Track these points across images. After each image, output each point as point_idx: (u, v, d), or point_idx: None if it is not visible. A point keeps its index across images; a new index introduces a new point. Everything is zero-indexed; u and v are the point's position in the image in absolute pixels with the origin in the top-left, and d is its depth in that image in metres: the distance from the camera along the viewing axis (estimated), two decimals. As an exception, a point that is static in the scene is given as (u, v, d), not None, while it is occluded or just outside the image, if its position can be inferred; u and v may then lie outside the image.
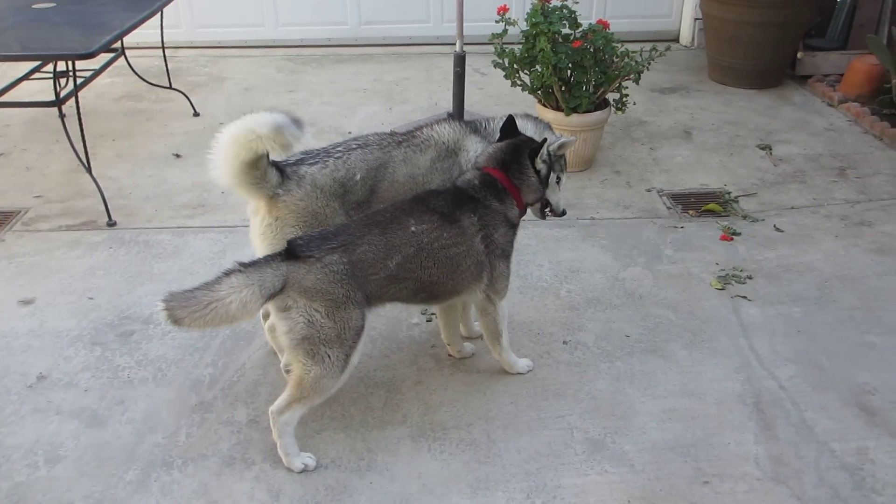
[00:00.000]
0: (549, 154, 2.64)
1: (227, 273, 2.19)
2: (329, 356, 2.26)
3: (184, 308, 2.15)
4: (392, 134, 2.83)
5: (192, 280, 3.22)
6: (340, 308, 2.24)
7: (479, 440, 2.52)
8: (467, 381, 2.77)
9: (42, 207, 3.86)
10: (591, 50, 3.92)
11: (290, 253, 2.25)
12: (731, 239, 3.59)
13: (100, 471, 2.39)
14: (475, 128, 2.85)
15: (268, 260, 2.26)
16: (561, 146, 2.70)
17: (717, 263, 3.40)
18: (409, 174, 2.72)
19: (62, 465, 2.42)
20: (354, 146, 2.70)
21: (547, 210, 2.75)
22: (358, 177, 2.63)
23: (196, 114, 4.84)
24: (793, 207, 3.83)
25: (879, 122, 4.53)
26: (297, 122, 2.40)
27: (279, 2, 5.98)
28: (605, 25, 3.98)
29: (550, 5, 3.97)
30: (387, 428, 2.58)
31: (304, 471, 2.40)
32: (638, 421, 2.59)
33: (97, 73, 4.19)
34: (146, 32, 5.03)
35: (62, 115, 3.80)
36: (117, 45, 4.59)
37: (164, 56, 5.01)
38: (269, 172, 2.50)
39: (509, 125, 2.66)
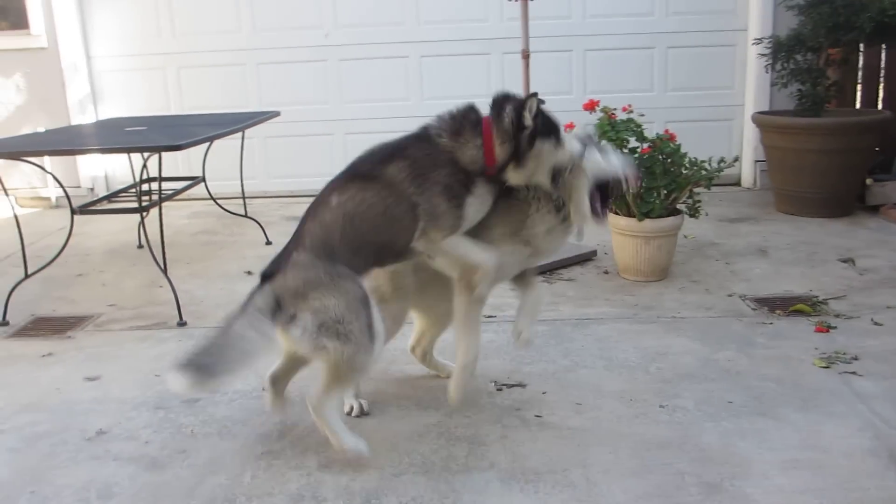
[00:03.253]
0: (540, 115, 2.38)
1: (228, 326, 2.29)
2: (352, 331, 2.23)
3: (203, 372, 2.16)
4: None
5: (260, 363, 3.14)
6: (331, 286, 2.24)
7: (578, 482, 2.24)
8: (558, 435, 2.53)
9: (115, 313, 3.86)
10: (660, 157, 3.99)
11: (266, 276, 2.34)
12: (828, 331, 3.36)
13: (156, 504, 2.17)
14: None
15: (251, 292, 2.35)
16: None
17: (817, 348, 3.16)
18: None
19: (115, 501, 2.20)
20: None
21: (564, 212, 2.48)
22: None
23: (268, 242, 4.95)
24: (888, 307, 3.61)
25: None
26: None
27: (349, 153, 6.14)
28: (672, 137, 4.07)
29: (616, 119, 4.10)
30: (472, 472, 2.32)
31: (357, 452, 2.33)
32: (757, 469, 2.29)
33: (179, 191, 4.37)
34: (224, 184, 5.36)
35: (143, 220, 3.90)
36: (199, 173, 4.85)
37: (242, 185, 5.23)
38: None
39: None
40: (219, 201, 5.11)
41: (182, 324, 3.66)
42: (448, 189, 2.34)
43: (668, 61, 6.33)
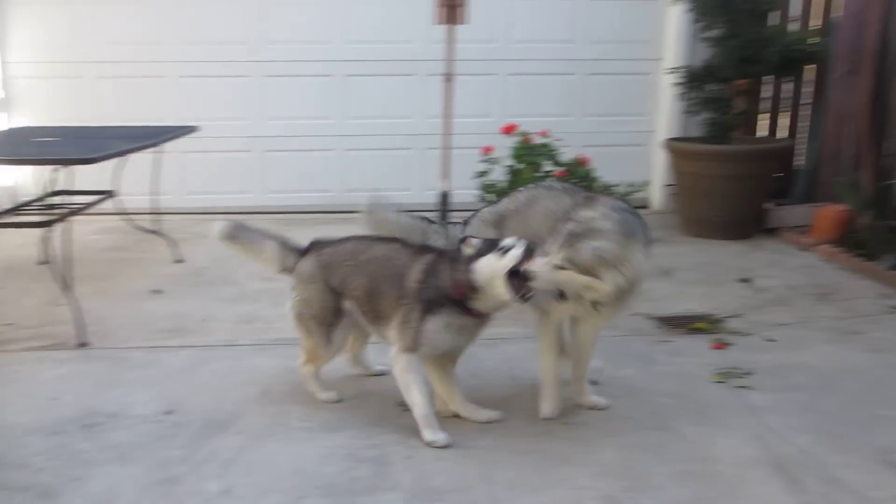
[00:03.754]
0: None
1: (269, 238, 3.07)
2: (316, 330, 2.87)
3: (239, 233, 3.09)
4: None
5: (166, 383, 3.11)
6: (319, 292, 2.86)
7: (481, 500, 2.29)
8: (464, 454, 2.56)
9: (11, 332, 3.70)
10: (574, 181, 4.10)
11: (307, 249, 2.99)
12: (724, 347, 3.51)
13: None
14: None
15: (294, 247, 3.03)
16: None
17: (713, 365, 3.29)
18: None
19: (2, 529, 2.13)
20: None
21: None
22: None
23: (179, 260, 4.85)
24: (780, 324, 3.79)
25: (853, 259, 4.64)
26: None
27: (268, 171, 6.27)
28: (585, 161, 4.19)
29: (533, 143, 4.21)
30: (376, 493, 2.33)
31: (333, 401, 2.91)
32: (653, 481, 2.38)
33: (88, 206, 4.26)
34: (137, 198, 5.23)
35: (47, 235, 3.78)
36: (110, 188, 4.73)
37: (155, 199, 5.10)
38: None
39: None
40: (131, 217, 4.98)
41: (83, 344, 3.55)
42: (427, 311, 2.68)
43: (586, 88, 6.50)
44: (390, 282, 2.73)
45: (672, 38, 6.32)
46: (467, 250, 2.60)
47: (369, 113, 6.35)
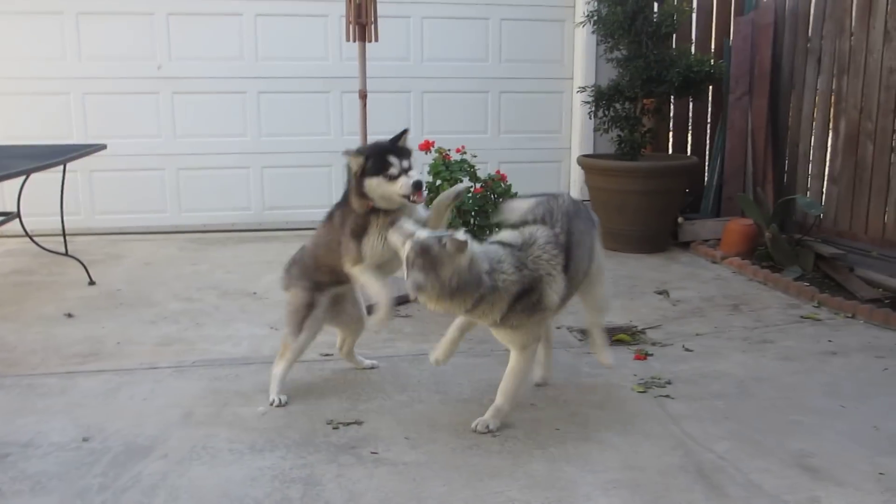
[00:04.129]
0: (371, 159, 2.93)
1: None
2: (290, 322, 3.15)
3: None
4: None
5: (83, 409, 2.98)
6: (298, 290, 3.17)
7: (413, 517, 2.26)
8: (394, 470, 2.54)
9: None
10: (492, 197, 4.16)
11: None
12: (645, 358, 3.61)
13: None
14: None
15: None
16: None
17: (636, 375, 3.39)
18: None
19: None
20: None
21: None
22: None
23: (92, 282, 4.66)
24: (697, 334, 3.94)
25: (761, 270, 4.87)
26: None
27: (182, 189, 6.13)
28: (503, 178, 4.26)
29: (451, 160, 4.25)
30: (307, 514, 2.29)
31: (274, 404, 3.04)
32: (581, 490, 2.42)
33: (-11, 229, 4.05)
34: (44, 220, 5.02)
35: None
36: (13, 209, 4.51)
37: (63, 221, 4.90)
38: None
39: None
40: (36, 239, 4.76)
41: (-10, 373, 3.38)
42: (353, 230, 3.00)
43: (500, 105, 6.64)
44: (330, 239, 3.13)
45: (580, 58, 6.54)
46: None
47: (286, 130, 6.29)
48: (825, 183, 5.44)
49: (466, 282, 2.58)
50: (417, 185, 2.86)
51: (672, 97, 6.12)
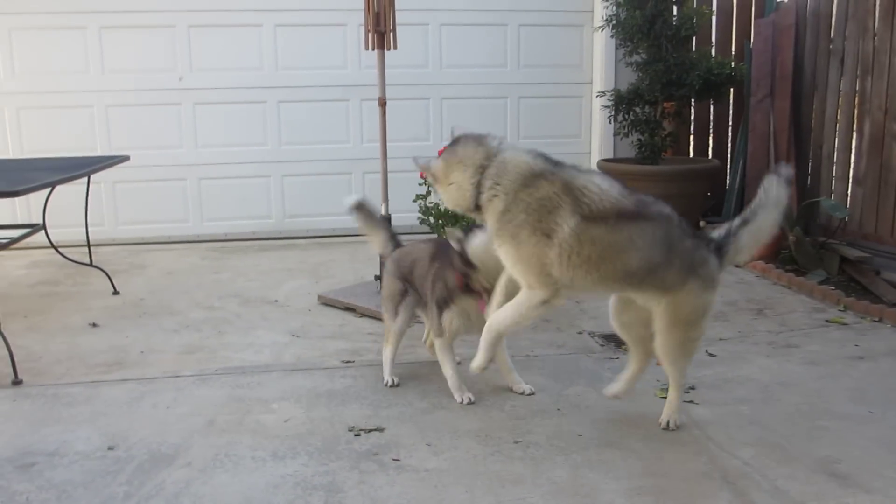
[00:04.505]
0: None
1: (384, 227, 3.68)
2: (386, 308, 3.41)
3: (363, 209, 3.66)
4: None
5: (107, 418, 3.01)
6: (390, 278, 3.42)
7: (435, 523, 2.26)
8: (416, 477, 2.54)
9: (-63, 373, 3.54)
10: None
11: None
12: (668, 363, 3.59)
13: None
14: None
15: (396, 240, 3.61)
16: None
17: (658, 380, 3.34)
18: None
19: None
20: None
21: None
22: None
23: (116, 292, 4.71)
24: (720, 339, 3.90)
25: (785, 274, 4.82)
26: None
27: (204, 199, 6.18)
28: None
29: (470, 166, 4.24)
30: (329, 521, 2.29)
31: (388, 385, 3.32)
32: (604, 497, 2.40)
33: (15, 240, 4.11)
34: (68, 231, 5.09)
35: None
36: (38, 221, 4.57)
37: (87, 232, 4.95)
38: None
39: None
40: (61, 250, 4.83)
41: (17, 382, 3.41)
42: (438, 303, 3.20)
43: (520, 110, 6.64)
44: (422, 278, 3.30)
45: (599, 62, 6.52)
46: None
47: (306, 139, 6.33)
48: (850, 185, 5.37)
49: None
50: None
51: (692, 100, 6.09)
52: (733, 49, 6.35)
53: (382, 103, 4.40)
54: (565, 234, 2.56)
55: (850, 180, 5.37)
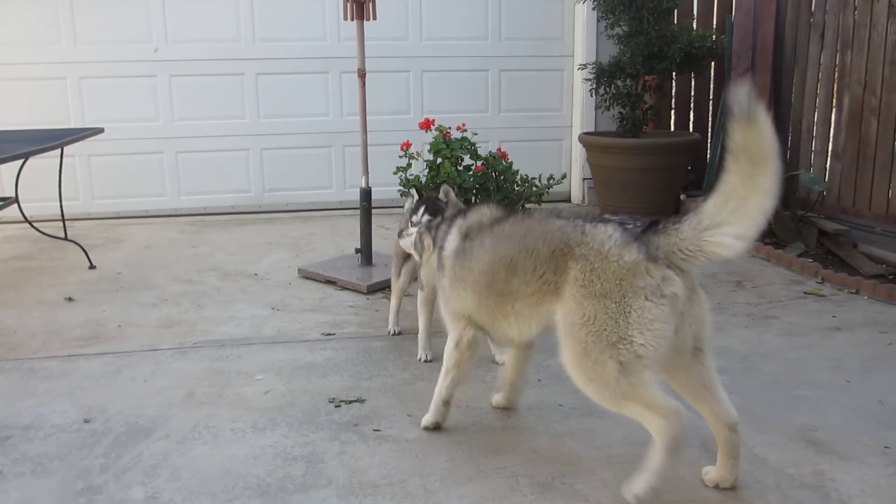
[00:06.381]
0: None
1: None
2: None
3: None
4: None
5: (84, 392, 2.97)
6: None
7: (416, 492, 2.26)
8: (396, 448, 2.54)
9: None
10: (494, 175, 4.13)
11: None
12: (648, 335, 3.60)
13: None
14: None
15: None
16: None
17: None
18: None
19: None
20: None
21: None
22: None
23: (92, 266, 4.64)
24: (700, 311, 3.92)
25: (764, 247, 4.85)
26: None
27: (181, 172, 6.10)
28: (505, 155, 4.23)
29: (451, 137, 4.21)
30: (310, 490, 2.28)
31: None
32: (585, 466, 2.42)
33: (-12, 214, 4.03)
34: (43, 205, 5.01)
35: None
36: (11, 194, 4.49)
37: (62, 205, 4.87)
38: None
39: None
40: (35, 224, 4.73)
41: (-9, 356, 3.37)
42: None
43: (501, 84, 6.58)
44: None
45: (581, 35, 6.47)
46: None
47: (285, 111, 6.24)
48: (828, 159, 5.38)
49: None
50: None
51: (674, 74, 6.06)
52: (714, 22, 6.32)
53: (362, 74, 4.35)
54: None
55: (829, 154, 5.39)
